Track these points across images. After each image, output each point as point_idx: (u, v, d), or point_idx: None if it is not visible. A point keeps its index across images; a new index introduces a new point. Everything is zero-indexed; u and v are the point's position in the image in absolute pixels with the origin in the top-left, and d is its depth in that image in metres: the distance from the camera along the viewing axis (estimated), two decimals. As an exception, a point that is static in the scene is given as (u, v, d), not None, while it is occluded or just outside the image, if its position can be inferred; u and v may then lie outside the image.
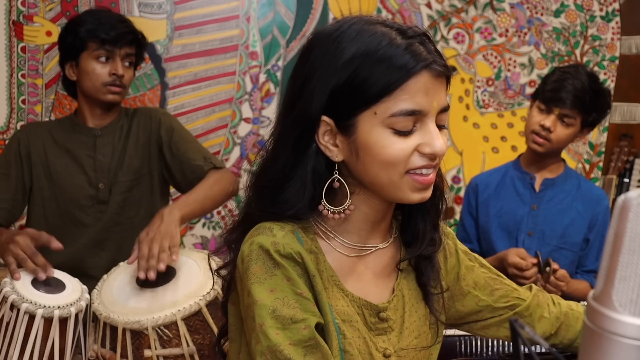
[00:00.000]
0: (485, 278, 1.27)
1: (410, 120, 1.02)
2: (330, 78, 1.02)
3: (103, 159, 2.21)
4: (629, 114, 3.42)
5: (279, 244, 1.04)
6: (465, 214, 2.43)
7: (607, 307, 0.64)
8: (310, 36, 1.10)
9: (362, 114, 1.03)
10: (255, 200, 1.11)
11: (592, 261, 2.32)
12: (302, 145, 1.06)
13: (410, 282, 1.18)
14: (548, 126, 2.20)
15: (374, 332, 1.12)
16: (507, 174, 2.40)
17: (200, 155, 2.22)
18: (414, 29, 1.05)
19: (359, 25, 1.05)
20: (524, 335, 0.73)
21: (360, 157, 1.04)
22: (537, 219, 2.31)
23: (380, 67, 1.01)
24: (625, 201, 0.64)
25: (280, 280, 1.02)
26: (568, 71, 2.26)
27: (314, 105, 1.04)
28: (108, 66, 2.16)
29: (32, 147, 2.21)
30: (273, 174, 1.08)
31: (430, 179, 1.06)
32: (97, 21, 2.17)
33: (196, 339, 1.73)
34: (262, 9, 3.06)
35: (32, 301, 1.70)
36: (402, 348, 1.14)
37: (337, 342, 1.05)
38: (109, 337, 1.76)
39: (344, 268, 1.11)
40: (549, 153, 2.28)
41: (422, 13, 3.20)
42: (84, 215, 2.21)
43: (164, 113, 2.36)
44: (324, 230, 1.11)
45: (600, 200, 2.34)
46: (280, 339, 0.98)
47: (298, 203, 1.06)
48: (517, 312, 1.27)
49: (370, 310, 1.12)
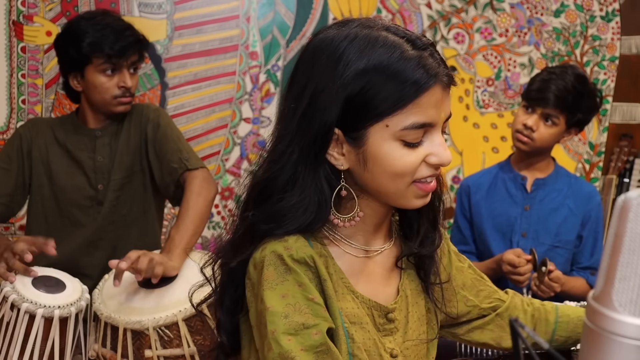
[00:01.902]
0: (472, 279, 1.30)
1: (420, 132, 1.04)
2: (341, 91, 1.01)
3: (102, 160, 2.20)
4: (629, 114, 3.42)
5: (291, 249, 1.04)
6: (459, 216, 2.44)
7: (607, 307, 0.64)
8: (314, 42, 1.07)
9: (373, 126, 1.03)
10: (258, 217, 1.08)
11: (587, 258, 2.32)
12: (311, 157, 1.05)
13: (412, 282, 1.19)
14: (530, 125, 2.21)
15: (381, 332, 1.13)
16: (498, 175, 2.40)
17: (176, 157, 2.17)
18: (422, 39, 1.05)
19: (366, 33, 1.03)
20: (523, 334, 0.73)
21: (368, 167, 1.05)
22: (530, 220, 2.32)
23: (394, 81, 1.01)
24: (625, 201, 0.64)
25: (291, 285, 1.03)
26: (554, 71, 2.27)
27: (326, 118, 1.03)
28: (115, 78, 2.12)
29: (33, 144, 2.20)
30: (276, 187, 1.06)
31: (433, 185, 1.08)
32: (99, 33, 2.09)
33: (197, 340, 1.73)
34: (262, 9, 3.06)
35: (32, 301, 1.71)
36: (407, 347, 1.15)
37: (345, 346, 1.06)
38: (110, 337, 1.76)
39: (354, 270, 1.12)
40: (535, 152, 2.28)
41: (422, 13, 3.20)
42: (83, 215, 2.20)
43: (155, 109, 2.30)
44: (332, 233, 1.11)
45: (591, 197, 2.35)
46: (292, 345, 0.98)
47: (307, 216, 1.05)
48: (498, 314, 1.31)
49: (379, 312, 1.13)
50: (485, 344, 1.33)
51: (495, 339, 1.31)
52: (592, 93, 2.28)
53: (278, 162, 1.06)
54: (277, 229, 1.05)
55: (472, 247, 2.40)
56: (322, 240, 1.10)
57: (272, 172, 1.07)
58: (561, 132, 2.25)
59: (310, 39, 1.09)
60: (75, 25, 2.15)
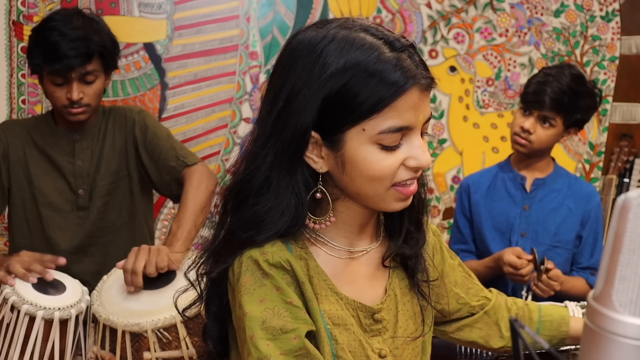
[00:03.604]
0: (462, 277, 1.31)
1: (397, 136, 1.02)
2: (318, 93, 1.00)
3: (82, 165, 2.16)
4: (629, 114, 3.42)
5: (267, 253, 1.04)
6: (459, 215, 2.44)
7: (607, 307, 0.64)
8: (292, 44, 1.06)
9: (350, 130, 1.02)
10: (236, 224, 1.07)
11: (586, 258, 2.32)
12: (285, 160, 1.04)
13: (402, 281, 1.19)
14: (527, 128, 2.22)
15: (369, 333, 1.12)
16: (497, 175, 2.40)
17: (172, 155, 2.16)
18: (400, 40, 1.03)
19: (344, 34, 1.02)
20: (523, 334, 0.72)
21: (347, 170, 1.04)
22: (529, 220, 2.32)
23: (370, 84, 0.99)
24: (625, 201, 0.64)
25: (269, 290, 1.03)
26: (550, 72, 2.26)
27: (301, 121, 1.02)
28: (64, 89, 2.05)
29: (10, 147, 2.15)
30: (251, 189, 1.05)
31: (413, 189, 1.07)
32: (47, 47, 2.01)
33: (196, 342, 1.72)
34: (262, 9, 3.06)
35: (32, 303, 1.70)
36: (397, 347, 1.14)
37: (329, 347, 1.06)
38: (109, 339, 1.76)
39: (337, 271, 1.11)
40: (534, 153, 2.28)
41: (422, 13, 3.20)
42: (63, 220, 2.16)
43: (139, 111, 2.25)
44: (314, 236, 1.10)
45: (591, 197, 2.35)
46: (270, 350, 0.99)
47: (285, 219, 1.04)
48: (486, 312, 1.32)
49: (364, 313, 1.12)
50: (474, 342, 1.33)
51: (484, 337, 1.32)
52: (590, 92, 2.27)
53: (253, 163, 1.06)
54: (257, 236, 1.05)
55: (472, 247, 2.40)
56: (304, 243, 1.09)
57: (247, 174, 1.06)
58: (559, 133, 2.25)
59: (289, 40, 1.07)
60: (34, 33, 2.09)
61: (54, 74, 2.03)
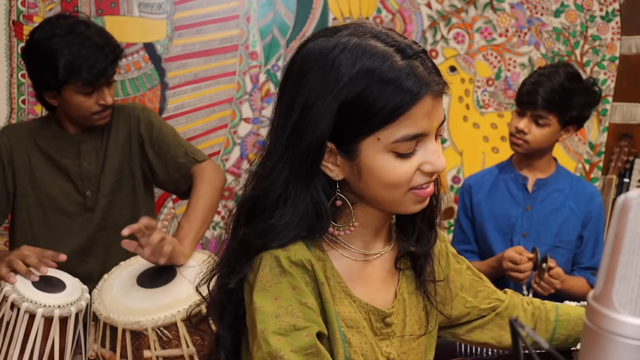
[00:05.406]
0: (470, 280, 1.30)
1: (412, 144, 1.03)
2: (333, 104, 1.00)
3: (88, 166, 2.15)
4: (629, 114, 3.42)
5: (290, 250, 1.04)
6: (461, 215, 2.44)
7: (607, 307, 0.64)
8: (302, 54, 1.05)
9: (364, 140, 1.02)
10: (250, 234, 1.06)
11: (588, 258, 2.33)
12: (303, 172, 1.03)
13: (410, 285, 1.19)
14: (522, 128, 2.23)
15: (378, 337, 1.13)
16: (499, 175, 2.40)
17: (181, 152, 2.16)
18: (412, 47, 1.03)
19: (356, 42, 1.01)
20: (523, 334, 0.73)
21: (363, 178, 1.04)
22: (531, 220, 2.32)
23: (384, 93, 0.99)
24: (625, 201, 0.64)
25: (285, 288, 1.02)
26: (544, 72, 2.27)
27: (318, 133, 1.01)
28: (94, 96, 2.04)
29: (15, 152, 2.12)
30: (267, 203, 1.05)
31: (430, 191, 1.08)
32: (75, 55, 1.98)
33: (196, 340, 1.73)
34: (262, 9, 3.06)
35: (32, 300, 1.70)
36: (404, 351, 1.15)
37: (342, 350, 1.06)
38: (109, 337, 1.76)
39: (352, 274, 1.12)
40: (533, 153, 2.29)
41: (422, 13, 3.20)
42: (71, 222, 2.15)
43: (142, 109, 2.25)
44: (332, 238, 1.10)
45: (593, 197, 2.35)
46: (281, 344, 0.98)
47: (301, 229, 1.04)
48: (497, 313, 1.31)
49: (376, 316, 1.12)
50: (486, 343, 1.33)
51: (496, 337, 1.32)
52: (586, 89, 2.28)
53: (268, 178, 1.05)
54: (271, 243, 1.04)
55: (474, 247, 2.40)
56: (321, 244, 1.09)
57: (262, 189, 1.05)
58: (555, 131, 2.25)
59: (298, 50, 1.06)
60: (47, 44, 2.00)
61: (86, 85, 2.01)
